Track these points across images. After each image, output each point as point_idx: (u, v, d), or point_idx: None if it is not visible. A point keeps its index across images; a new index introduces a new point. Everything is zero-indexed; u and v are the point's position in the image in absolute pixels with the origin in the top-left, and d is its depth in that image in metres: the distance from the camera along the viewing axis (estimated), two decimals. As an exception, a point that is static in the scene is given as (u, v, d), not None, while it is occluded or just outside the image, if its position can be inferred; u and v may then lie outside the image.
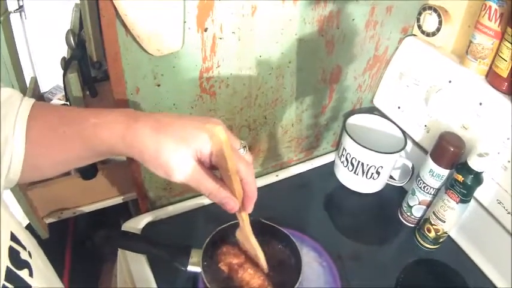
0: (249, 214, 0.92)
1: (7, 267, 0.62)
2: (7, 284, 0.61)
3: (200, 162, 0.80)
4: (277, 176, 1.62)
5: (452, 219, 1.28)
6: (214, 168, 0.84)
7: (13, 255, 0.65)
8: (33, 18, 2.89)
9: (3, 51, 1.50)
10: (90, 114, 0.82)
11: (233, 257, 1.12)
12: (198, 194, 1.51)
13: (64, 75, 1.39)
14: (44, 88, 2.82)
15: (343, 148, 1.50)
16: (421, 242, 1.37)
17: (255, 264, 1.11)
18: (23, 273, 0.66)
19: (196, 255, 1.13)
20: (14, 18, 2.80)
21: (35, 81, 1.80)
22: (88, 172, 1.48)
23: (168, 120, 0.81)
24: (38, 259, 0.74)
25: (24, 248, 0.70)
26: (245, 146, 0.86)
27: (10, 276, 0.62)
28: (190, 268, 1.12)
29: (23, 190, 1.44)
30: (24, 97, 0.83)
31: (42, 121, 0.82)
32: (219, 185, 0.81)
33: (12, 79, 1.58)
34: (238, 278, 1.09)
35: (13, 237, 0.67)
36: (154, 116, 0.83)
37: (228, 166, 0.77)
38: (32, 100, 0.83)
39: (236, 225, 1.17)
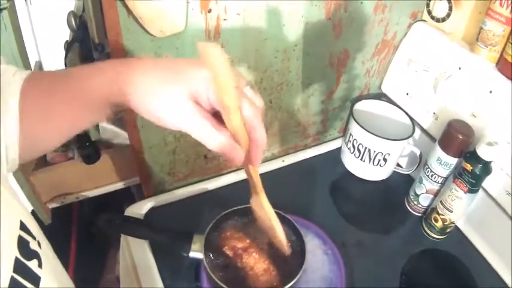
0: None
1: (16, 257, 0.60)
2: (16, 276, 0.59)
3: (198, 105, 0.70)
4: (283, 161, 1.60)
5: (460, 209, 1.26)
6: (216, 116, 0.72)
7: (22, 245, 0.63)
8: (38, 2, 2.88)
9: (9, 36, 1.50)
10: (83, 68, 0.77)
11: (237, 241, 1.12)
12: (202, 179, 1.50)
13: (65, 57, 1.38)
14: (49, 72, 2.81)
15: (350, 134, 1.48)
16: (428, 231, 1.36)
17: (260, 248, 1.11)
18: (32, 264, 0.64)
19: (198, 241, 1.12)
20: (19, 2, 2.79)
21: (39, 65, 1.79)
22: (91, 157, 1.47)
23: (161, 60, 0.78)
24: (47, 249, 0.72)
25: (34, 238, 0.67)
26: (252, 86, 0.75)
27: (19, 267, 0.60)
28: (193, 254, 1.12)
29: (26, 175, 1.43)
30: (19, 70, 0.77)
31: (37, 90, 0.76)
32: (219, 131, 0.69)
33: (19, 63, 1.58)
34: (242, 263, 1.09)
35: (22, 226, 0.65)
36: (147, 58, 0.78)
37: (223, 97, 0.67)
38: (27, 72, 0.78)
39: (240, 211, 1.16)
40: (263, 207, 0.89)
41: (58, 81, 0.78)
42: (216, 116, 0.71)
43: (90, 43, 1.34)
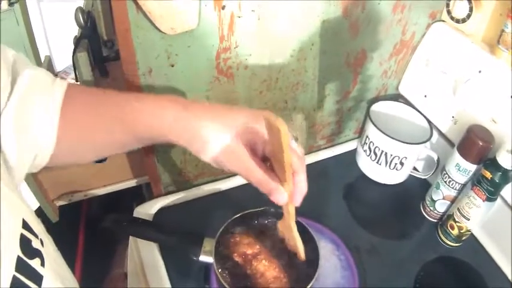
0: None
1: (18, 256, 0.60)
2: (18, 275, 0.58)
3: (252, 151, 0.81)
4: (296, 162, 1.56)
5: (477, 218, 1.23)
6: (265, 159, 0.84)
7: (24, 243, 0.63)
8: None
9: (21, 31, 1.50)
10: (132, 97, 0.83)
11: (247, 247, 1.10)
12: (213, 179, 1.49)
13: (73, 54, 1.37)
14: (59, 67, 2.82)
15: (366, 136, 1.46)
16: (443, 238, 1.33)
17: (271, 255, 1.09)
18: (35, 263, 0.63)
19: (209, 245, 1.10)
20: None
21: (49, 60, 1.79)
22: (100, 155, 1.45)
23: (220, 109, 0.83)
24: (50, 247, 0.72)
25: (36, 236, 0.67)
26: (296, 139, 0.83)
27: (21, 266, 0.60)
28: (203, 258, 1.10)
29: (33, 172, 1.41)
30: (57, 78, 0.81)
31: (79, 103, 0.81)
32: (268, 175, 0.80)
33: (30, 58, 1.58)
34: (252, 270, 1.07)
35: (25, 225, 0.65)
36: (205, 104, 0.85)
37: (284, 157, 0.74)
38: (66, 81, 0.82)
39: (251, 215, 1.15)
40: (291, 232, 0.95)
41: (107, 102, 0.84)
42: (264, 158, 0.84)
43: (99, 39, 1.33)
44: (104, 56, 1.41)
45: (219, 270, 1.05)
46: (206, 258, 1.09)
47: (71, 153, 0.84)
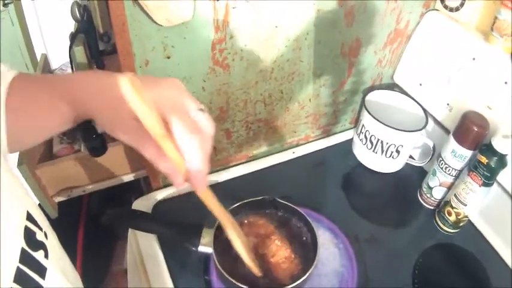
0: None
1: (22, 248, 0.60)
2: (21, 266, 0.59)
3: None
4: (293, 153, 1.58)
5: (474, 203, 1.24)
6: None
7: (29, 235, 0.63)
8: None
9: (16, 31, 1.50)
10: (67, 76, 0.83)
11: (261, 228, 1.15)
12: (211, 171, 1.49)
13: (70, 48, 1.37)
14: (55, 65, 2.83)
15: (362, 125, 1.46)
16: (441, 225, 1.33)
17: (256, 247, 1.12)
18: (39, 255, 0.64)
19: (207, 235, 1.11)
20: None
21: (44, 58, 1.79)
22: (98, 149, 1.45)
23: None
24: (53, 241, 0.72)
25: (41, 229, 0.67)
26: (202, 109, 0.70)
27: (25, 257, 0.60)
28: (202, 249, 1.11)
29: (31, 168, 1.42)
30: (10, 70, 0.79)
31: (24, 91, 0.78)
32: (162, 152, 0.65)
33: (25, 57, 1.57)
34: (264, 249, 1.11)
35: (29, 217, 0.65)
36: (100, 75, 0.80)
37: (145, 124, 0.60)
38: (14, 72, 0.79)
39: (250, 204, 1.15)
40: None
41: (48, 85, 0.81)
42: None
43: (95, 33, 1.33)
44: (100, 50, 1.42)
45: (218, 260, 1.05)
46: (205, 248, 1.10)
47: (16, 141, 0.76)
